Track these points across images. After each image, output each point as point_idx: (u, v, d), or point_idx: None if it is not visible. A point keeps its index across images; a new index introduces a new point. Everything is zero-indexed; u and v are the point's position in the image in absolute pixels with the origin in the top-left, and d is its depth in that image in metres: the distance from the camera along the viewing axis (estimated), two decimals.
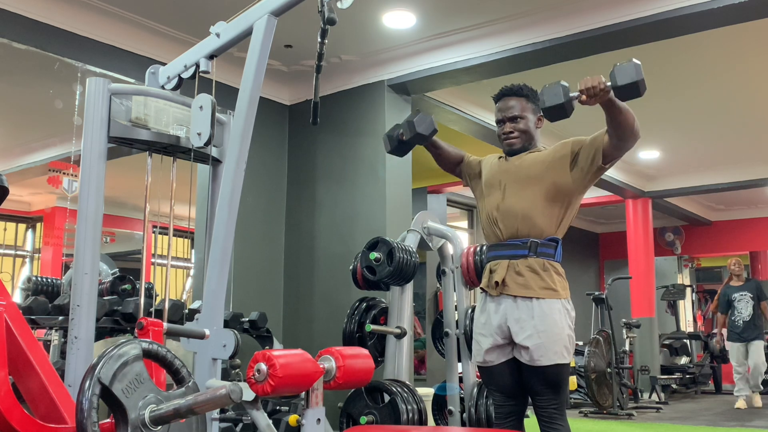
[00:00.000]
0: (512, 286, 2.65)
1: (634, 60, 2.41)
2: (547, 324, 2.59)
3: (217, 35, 2.86)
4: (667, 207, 10.32)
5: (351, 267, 4.04)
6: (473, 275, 3.92)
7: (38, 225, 9.29)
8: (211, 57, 2.93)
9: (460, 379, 3.96)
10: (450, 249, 4.07)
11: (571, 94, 2.47)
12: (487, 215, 2.82)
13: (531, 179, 2.72)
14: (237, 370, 3.94)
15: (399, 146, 3.09)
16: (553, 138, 7.32)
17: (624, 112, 2.50)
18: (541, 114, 2.78)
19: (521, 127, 2.79)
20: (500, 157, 2.93)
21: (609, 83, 2.41)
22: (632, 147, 2.66)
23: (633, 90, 2.40)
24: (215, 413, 2.49)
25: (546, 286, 2.63)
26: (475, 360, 2.86)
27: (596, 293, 8.25)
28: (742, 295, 8.04)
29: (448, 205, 9.07)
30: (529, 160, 2.77)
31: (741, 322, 7.92)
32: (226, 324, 3.26)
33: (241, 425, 3.50)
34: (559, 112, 2.50)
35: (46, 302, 3.71)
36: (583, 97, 2.44)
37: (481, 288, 2.83)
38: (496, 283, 2.67)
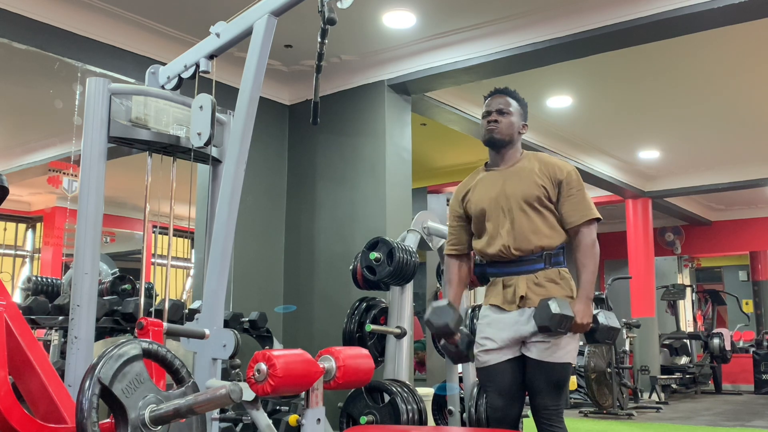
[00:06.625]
0: (534, 299, 2.67)
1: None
2: None
3: (217, 35, 2.86)
4: (667, 207, 10.31)
5: (351, 267, 4.04)
6: (473, 275, 3.91)
7: (38, 225, 9.29)
8: (211, 57, 2.93)
9: (460, 379, 3.97)
10: None
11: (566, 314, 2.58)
12: (496, 239, 2.78)
13: (529, 197, 2.74)
14: (237, 370, 3.93)
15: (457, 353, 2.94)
16: (558, 140, 7.34)
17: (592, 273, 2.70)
18: (525, 123, 2.92)
19: (506, 121, 2.86)
20: (482, 172, 2.94)
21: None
22: None
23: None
24: (215, 413, 2.49)
25: (566, 294, 2.70)
26: (475, 364, 2.86)
27: (596, 293, 8.24)
28: None
29: (448, 205, 9.05)
30: (521, 176, 2.78)
31: None
32: (226, 324, 3.25)
33: (241, 425, 3.50)
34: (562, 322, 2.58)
35: (46, 302, 3.70)
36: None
37: (490, 304, 2.79)
38: (521, 297, 2.69)
